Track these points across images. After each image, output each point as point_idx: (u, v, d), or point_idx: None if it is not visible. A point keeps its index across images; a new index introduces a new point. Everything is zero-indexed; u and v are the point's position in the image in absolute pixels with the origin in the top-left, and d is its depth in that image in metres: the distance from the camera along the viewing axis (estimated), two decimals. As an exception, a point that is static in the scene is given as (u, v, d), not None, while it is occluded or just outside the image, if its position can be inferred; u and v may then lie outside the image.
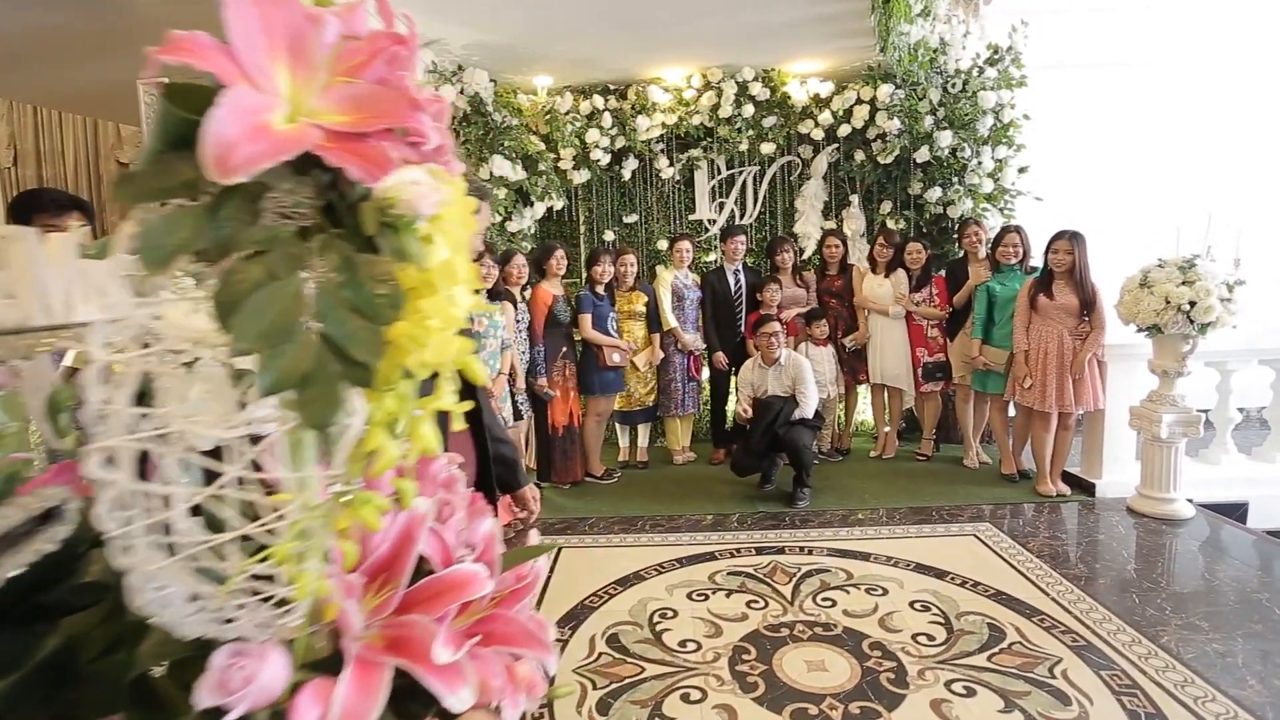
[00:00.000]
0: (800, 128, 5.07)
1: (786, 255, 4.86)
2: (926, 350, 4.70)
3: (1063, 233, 3.89)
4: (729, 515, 3.93)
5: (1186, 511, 3.63)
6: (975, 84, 4.72)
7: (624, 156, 5.22)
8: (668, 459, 5.04)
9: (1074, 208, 5.14)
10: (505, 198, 4.71)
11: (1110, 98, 5.67)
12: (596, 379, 4.53)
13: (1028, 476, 4.34)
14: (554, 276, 4.47)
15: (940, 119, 4.76)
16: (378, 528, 0.48)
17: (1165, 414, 3.57)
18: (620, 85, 5.02)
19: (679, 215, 5.48)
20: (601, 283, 4.55)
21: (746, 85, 4.84)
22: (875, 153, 5.04)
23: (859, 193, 5.31)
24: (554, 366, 4.44)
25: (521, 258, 4.30)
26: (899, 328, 4.74)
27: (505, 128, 4.55)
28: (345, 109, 0.43)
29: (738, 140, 5.08)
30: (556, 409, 4.48)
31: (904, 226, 5.13)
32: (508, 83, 4.79)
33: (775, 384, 4.19)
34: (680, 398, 4.91)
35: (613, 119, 4.92)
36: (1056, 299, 3.87)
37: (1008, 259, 4.20)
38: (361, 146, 0.43)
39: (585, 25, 3.95)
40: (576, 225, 5.54)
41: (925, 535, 3.57)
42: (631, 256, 4.71)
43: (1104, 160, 5.61)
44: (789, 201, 5.43)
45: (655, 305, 4.77)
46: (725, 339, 4.86)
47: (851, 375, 4.92)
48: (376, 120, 0.43)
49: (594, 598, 3.01)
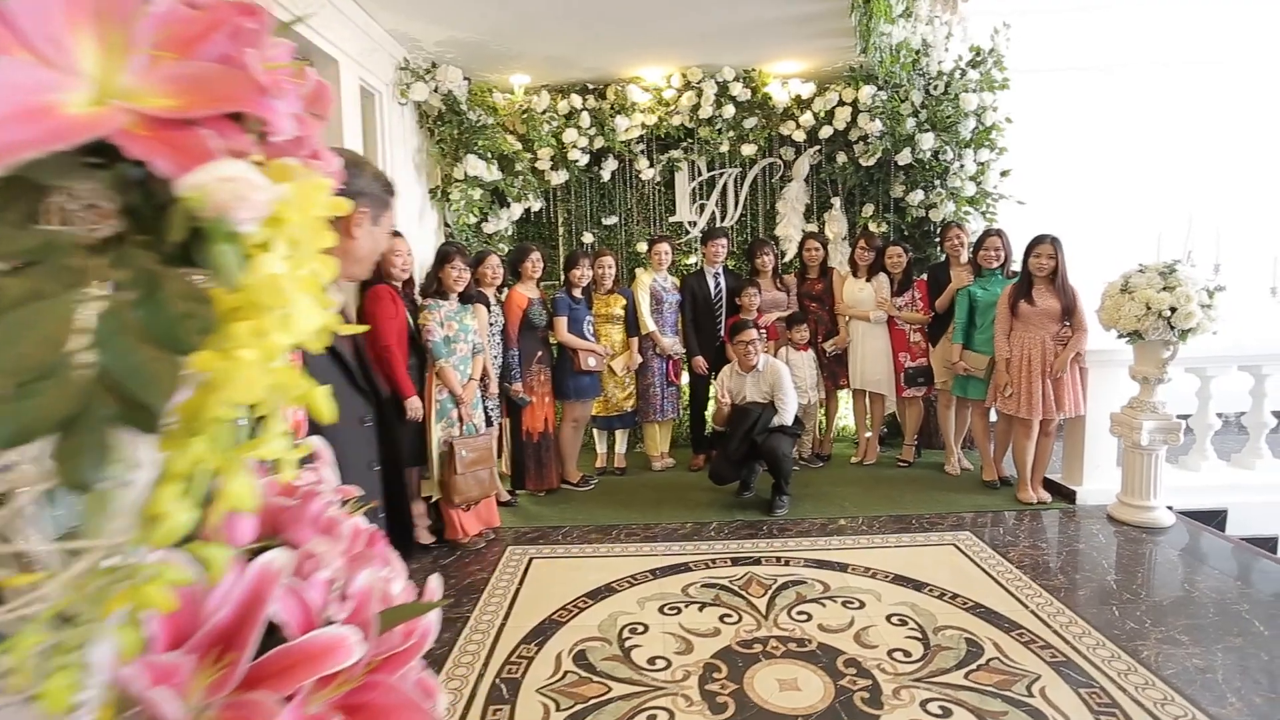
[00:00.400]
0: (782, 129, 5.01)
1: (766, 258, 4.80)
2: (908, 355, 4.64)
3: (1043, 237, 3.84)
4: (706, 524, 3.85)
5: (1166, 520, 3.59)
6: (957, 86, 4.68)
7: (603, 157, 5.14)
8: (646, 465, 4.96)
9: (1055, 211, 5.13)
10: (480, 198, 4.61)
11: (1091, 101, 5.66)
12: (571, 384, 4.44)
13: (1009, 483, 4.30)
14: (529, 279, 4.37)
15: (922, 121, 4.71)
16: (170, 608, 0.39)
17: (1145, 421, 3.53)
18: (599, 85, 4.93)
19: (659, 217, 5.40)
20: (579, 285, 4.46)
21: (727, 85, 4.77)
22: (857, 155, 4.99)
23: (841, 195, 5.26)
24: (529, 371, 4.34)
25: (496, 259, 4.20)
26: (880, 332, 4.69)
27: (480, 127, 4.44)
28: (171, 91, 0.35)
29: (718, 141, 5.01)
30: (531, 414, 4.38)
31: (886, 230, 5.08)
32: (484, 81, 4.69)
33: (753, 390, 4.11)
34: (659, 403, 4.82)
35: (591, 119, 4.83)
36: (1037, 304, 3.83)
37: (989, 263, 4.15)
38: (178, 136, 0.34)
39: (560, 22, 3.86)
40: (555, 227, 5.45)
41: (904, 545, 3.51)
42: (609, 259, 4.63)
43: (1085, 164, 5.60)
44: (770, 204, 5.37)
45: (634, 309, 4.69)
46: (705, 343, 4.78)
47: (832, 380, 4.86)
48: (210, 105, 0.34)
49: (563, 611, 2.92)
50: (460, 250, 3.62)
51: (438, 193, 4.60)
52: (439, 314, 3.53)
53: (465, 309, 3.68)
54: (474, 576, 3.33)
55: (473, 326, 3.69)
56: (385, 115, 3.96)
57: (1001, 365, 3.88)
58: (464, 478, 3.56)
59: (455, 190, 4.52)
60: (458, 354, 3.59)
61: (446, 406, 3.56)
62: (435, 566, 3.46)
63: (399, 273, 3.48)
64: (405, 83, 4.08)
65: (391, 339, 3.35)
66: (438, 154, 4.49)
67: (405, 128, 4.25)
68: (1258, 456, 4.11)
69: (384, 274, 3.44)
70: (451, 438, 3.55)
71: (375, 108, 3.91)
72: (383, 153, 3.93)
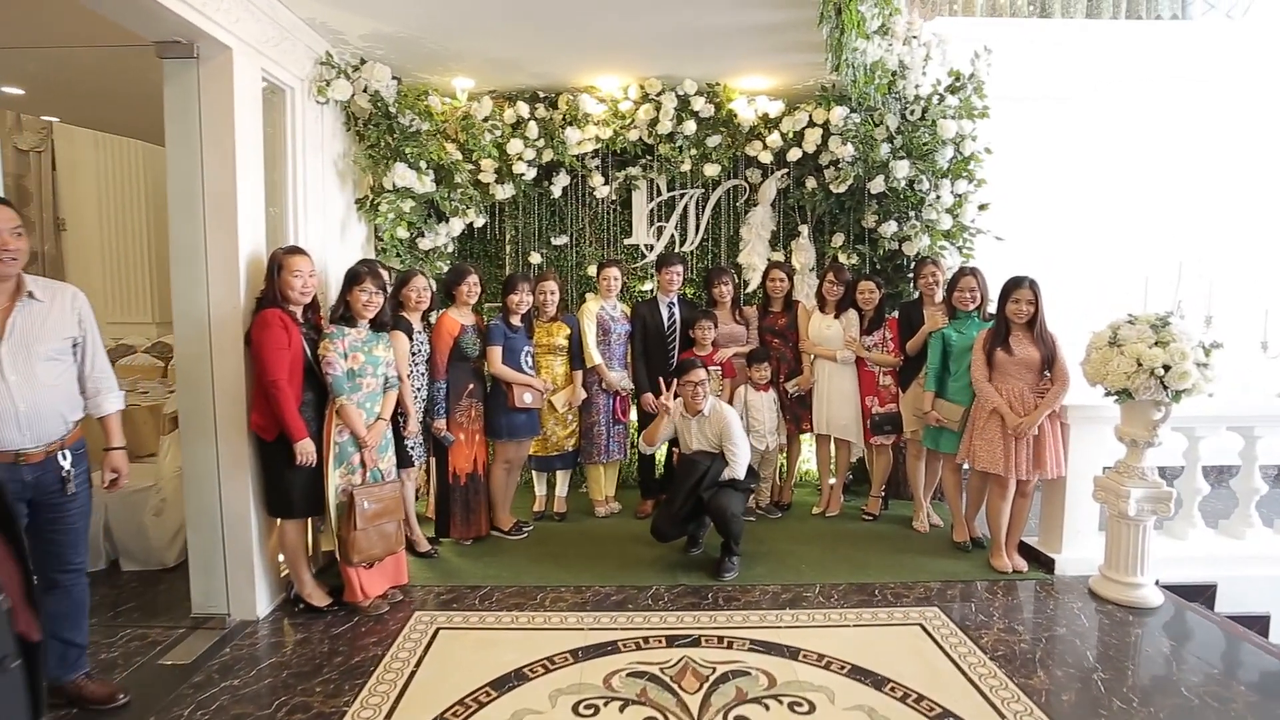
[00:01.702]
0: (748, 150, 4.64)
1: (725, 288, 4.40)
2: (877, 400, 4.27)
3: (1020, 280, 3.49)
4: (644, 589, 3.40)
5: (1154, 599, 3.23)
6: (935, 112, 4.35)
7: (554, 172, 4.72)
8: (589, 510, 4.51)
9: (1034, 249, 4.81)
10: (412, 211, 4.15)
11: (1072, 133, 5.37)
12: (504, 421, 3.99)
13: (981, 545, 3.93)
14: (464, 304, 3.92)
15: (897, 148, 4.37)
16: None
17: (1133, 489, 3.17)
18: (550, 93, 4.52)
19: (614, 239, 4.99)
20: (517, 312, 4.02)
21: (688, 99, 4.39)
22: (827, 180, 4.63)
23: (809, 223, 4.89)
24: (457, 406, 3.88)
25: (424, 280, 3.75)
26: (848, 374, 4.31)
27: (413, 133, 4.00)
28: None
29: (679, 160, 4.62)
30: (458, 454, 3.92)
31: (856, 262, 4.72)
32: (422, 83, 4.25)
33: (699, 438, 3.69)
34: (604, 443, 4.39)
35: (540, 129, 4.41)
36: (1015, 353, 3.47)
37: (964, 305, 3.80)
38: None
39: (501, 20, 3.45)
40: (502, 245, 5.01)
41: (865, 622, 3.09)
42: (552, 283, 4.20)
43: (1065, 199, 5.31)
44: (734, 229, 4.99)
45: (579, 339, 4.26)
46: (655, 378, 4.34)
47: (795, 424, 4.46)
48: None
49: (459, 707, 2.45)
50: (372, 271, 3.16)
51: (366, 203, 4.13)
52: (342, 343, 3.06)
53: (377, 337, 3.22)
54: (366, 652, 2.85)
55: (384, 358, 3.23)
56: (299, 115, 3.50)
57: (1005, 412, 3.47)
58: (365, 533, 3.08)
59: (384, 201, 4.05)
60: (364, 390, 3.12)
61: (346, 450, 3.08)
62: (325, 636, 2.97)
63: (298, 295, 3.01)
64: (325, 79, 3.63)
65: (280, 372, 2.88)
66: (367, 161, 4.03)
67: (326, 130, 3.79)
68: (1248, 525, 3.78)
69: (279, 296, 2.97)
70: (351, 486, 3.07)
71: (287, 106, 3.45)
72: (293, 156, 3.47)
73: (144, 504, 3.59)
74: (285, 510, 3.09)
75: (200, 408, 2.97)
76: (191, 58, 2.84)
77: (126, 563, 3.67)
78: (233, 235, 2.93)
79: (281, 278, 2.98)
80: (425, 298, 3.75)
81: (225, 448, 3.00)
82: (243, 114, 2.94)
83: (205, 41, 2.83)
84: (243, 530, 3.05)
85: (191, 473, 3.02)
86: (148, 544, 3.62)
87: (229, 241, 2.93)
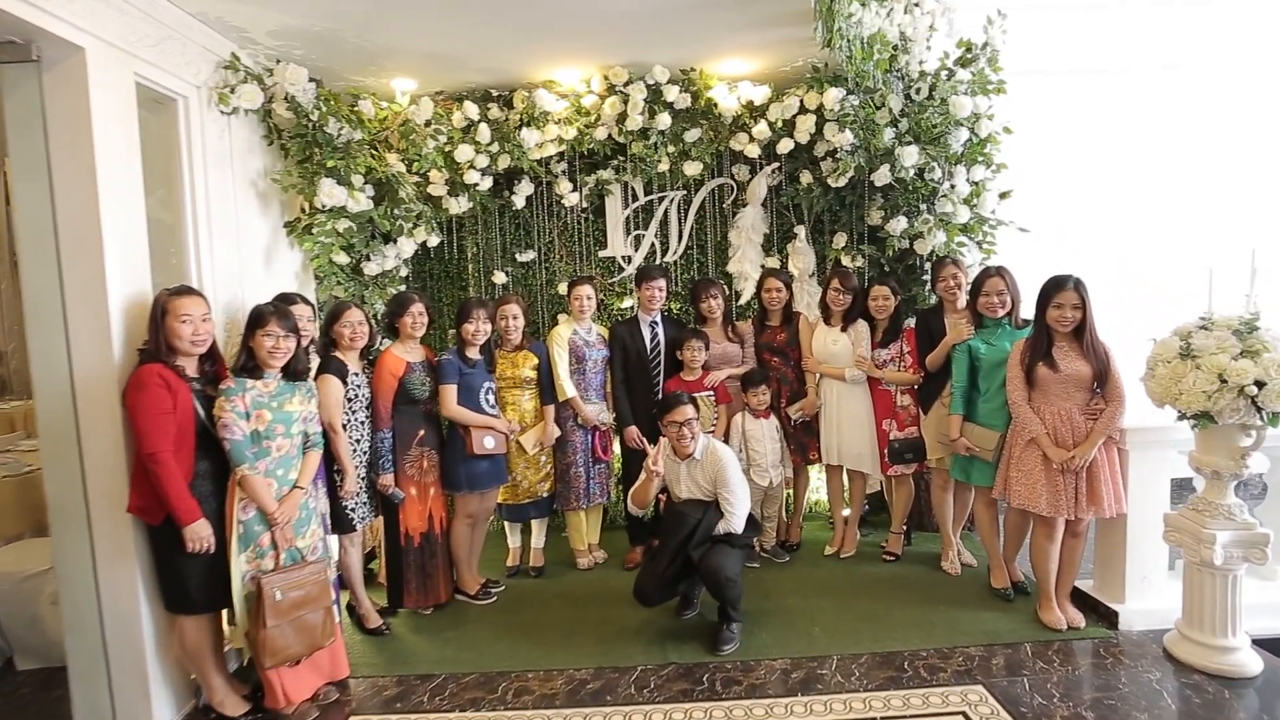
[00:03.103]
0: (732, 143, 4.08)
1: (714, 301, 3.85)
2: (895, 424, 3.69)
3: (1064, 280, 2.91)
4: (626, 672, 2.84)
5: (1252, 665, 2.63)
6: (945, 89, 3.78)
7: (515, 180, 4.18)
8: (571, 560, 3.96)
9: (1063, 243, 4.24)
10: (347, 232, 3.62)
11: (1104, 109, 4.77)
12: (463, 471, 3.44)
13: (1025, 591, 3.35)
14: (409, 338, 3.39)
15: (903, 133, 3.81)
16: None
17: (1219, 531, 2.58)
18: (503, 90, 3.98)
19: (588, 252, 4.45)
20: (475, 344, 3.48)
21: (660, 89, 3.83)
22: (825, 174, 4.07)
23: (806, 223, 4.33)
24: (405, 457, 3.34)
25: (358, 313, 3.22)
26: (859, 395, 3.74)
27: (341, 144, 3.47)
28: None
29: (655, 159, 4.06)
30: (410, 512, 3.38)
31: (862, 265, 4.16)
32: (355, 87, 3.73)
33: (689, 484, 3.13)
34: (583, 485, 3.83)
35: (492, 132, 3.87)
36: (1061, 369, 2.89)
37: (993, 311, 3.22)
38: None
39: (423, 7, 2.92)
40: (464, 265, 4.47)
41: (896, 712, 2.52)
42: (514, 307, 3.66)
43: (1100, 185, 4.71)
44: (721, 234, 4.43)
45: (549, 369, 3.72)
46: (639, 408, 3.82)
47: (800, 454, 3.89)
48: None
49: None
50: (280, 311, 2.62)
51: (297, 227, 3.60)
52: (243, 400, 2.52)
53: (292, 388, 2.67)
54: (279, 784, 2.30)
55: (302, 412, 2.68)
56: (196, 128, 2.97)
57: (1045, 445, 2.90)
58: (279, 629, 2.53)
59: (315, 224, 3.53)
60: (274, 454, 2.58)
61: (253, 530, 2.54)
62: (234, 760, 2.43)
63: (188, 345, 2.47)
64: (229, 85, 3.10)
65: (160, 441, 2.34)
66: (295, 178, 3.50)
67: (238, 145, 3.26)
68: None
69: (166, 347, 2.44)
70: (260, 572, 2.53)
71: (180, 117, 2.93)
72: (190, 176, 2.94)
73: (39, 591, 3.06)
74: (183, 605, 2.55)
75: (68, 488, 2.44)
76: (31, 60, 2.31)
77: (23, 660, 3.14)
78: (98, 275, 2.39)
79: (167, 325, 2.44)
80: (362, 333, 3.22)
81: (103, 533, 2.47)
82: (106, 127, 2.41)
83: (47, 41, 2.30)
84: (130, 630, 2.51)
85: (63, 566, 2.48)
86: (45, 637, 3.08)
87: (94, 283, 2.40)
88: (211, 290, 2.98)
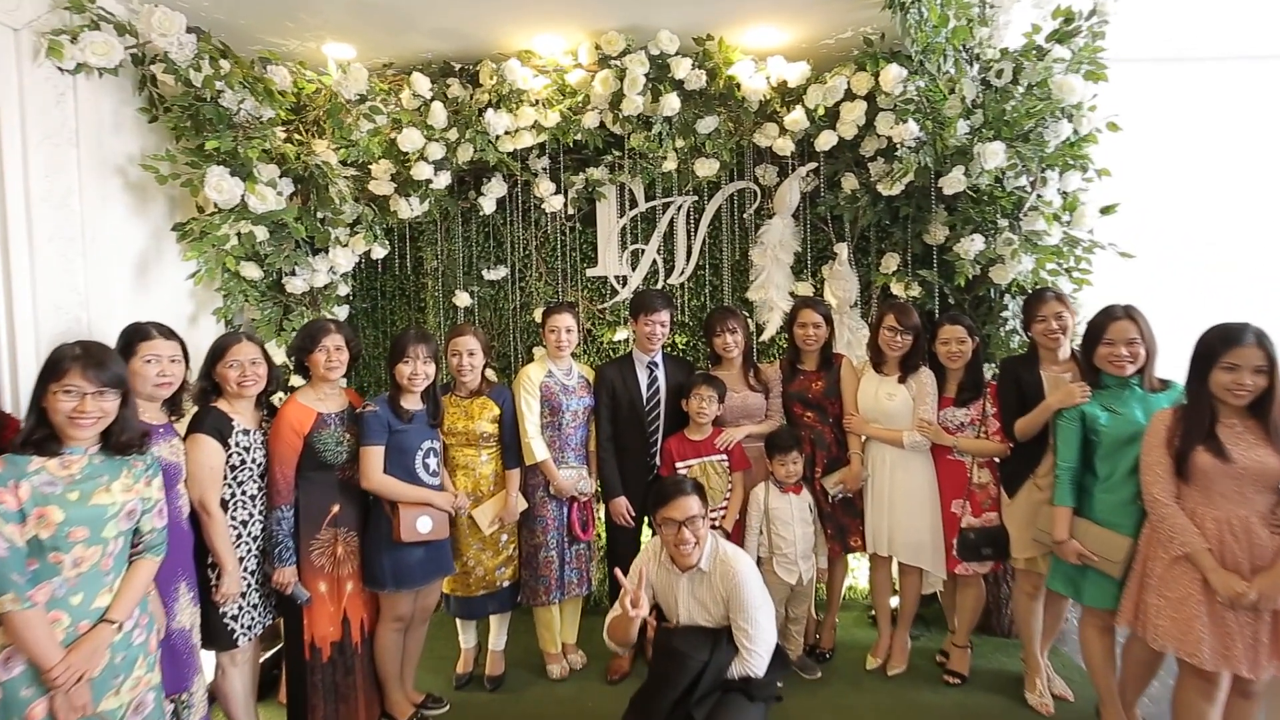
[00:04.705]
0: (757, 137, 3.21)
1: (733, 338, 2.97)
2: (969, 506, 2.79)
3: (1238, 330, 2.02)
4: None
5: None
6: (1038, 71, 2.91)
7: (485, 177, 3.34)
8: (540, 666, 3.06)
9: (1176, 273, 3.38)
10: (246, 238, 2.76)
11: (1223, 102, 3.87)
12: (388, 563, 2.55)
13: (1152, 750, 2.44)
14: (323, 380, 2.53)
15: (977, 126, 2.94)
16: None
17: None
18: (467, 63, 3.14)
19: (573, 269, 3.58)
20: (413, 390, 2.61)
21: (666, 62, 2.97)
22: (873, 178, 3.20)
23: (849, 240, 3.45)
24: (313, 542, 2.47)
25: (252, 348, 2.37)
26: (921, 467, 2.85)
27: (243, 120, 2.62)
28: None
29: (659, 155, 3.21)
30: (318, 616, 2.50)
31: (920, 295, 3.28)
32: (273, 51, 2.89)
33: (691, 605, 2.24)
34: (556, 574, 2.95)
35: (450, 115, 3.02)
36: (1235, 458, 2.00)
37: (1119, 367, 2.33)
38: None
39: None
40: (422, 282, 3.62)
41: None
42: (471, 340, 2.80)
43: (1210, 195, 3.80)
44: (741, 252, 3.55)
45: (513, 422, 2.85)
46: (631, 474, 2.96)
47: (839, 539, 2.99)
48: None
49: None
50: (90, 355, 1.75)
51: (192, 231, 2.75)
52: (13, 493, 1.64)
53: (114, 467, 1.79)
54: None
55: (124, 505, 1.79)
56: (10, 85, 2.13)
57: (1208, 567, 2.01)
58: None
59: (206, 226, 2.68)
60: (68, 571, 1.70)
61: (17, 696, 1.65)
62: None
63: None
64: (61, 30, 2.25)
65: None
66: (181, 165, 2.65)
67: (94, 116, 2.40)
68: None
69: None
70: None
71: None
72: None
73: None
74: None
75: None
76: None
77: None
78: None
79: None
80: (256, 375, 2.36)
81: None
82: None
83: None
84: None
85: None
86: None
87: None
88: (28, 315, 2.12)
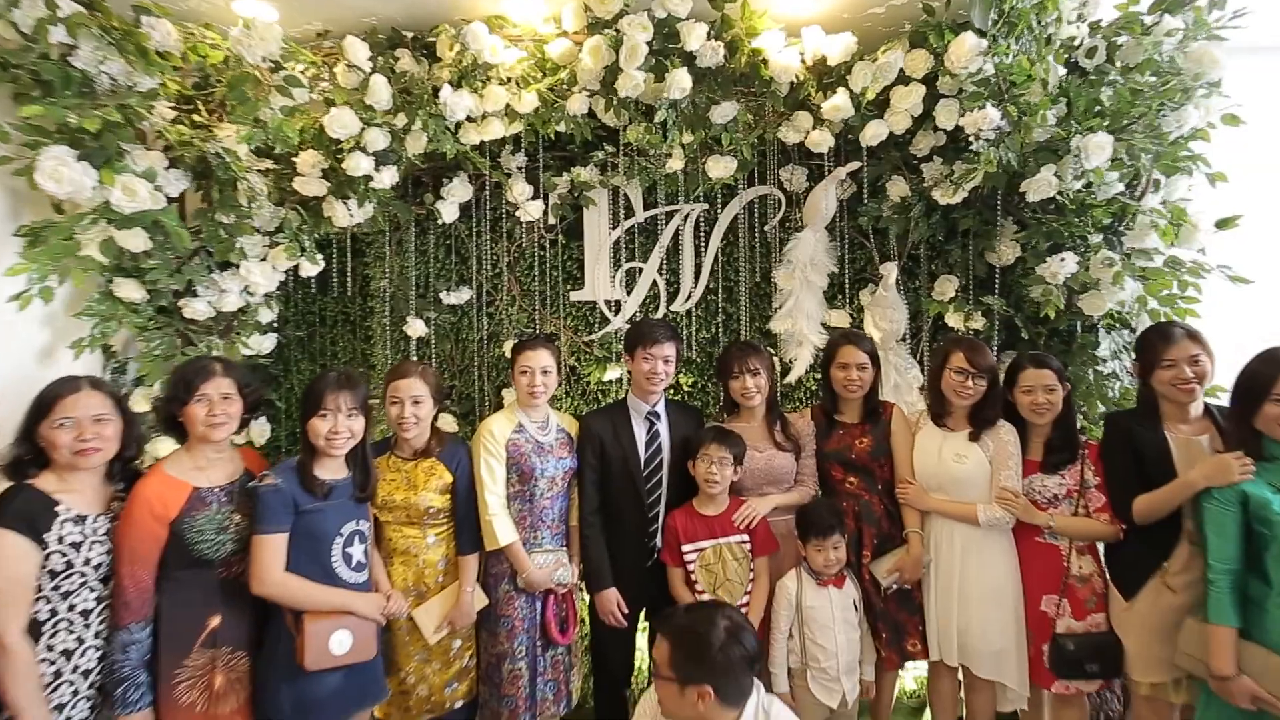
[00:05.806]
0: (783, 131, 2.57)
1: (754, 380, 2.31)
2: (1067, 606, 2.12)
3: None
4: None
5: None
6: (1131, 52, 2.31)
7: (445, 177, 2.69)
8: (505, 806, 2.34)
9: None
10: (104, 246, 2.08)
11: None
12: (288, 694, 1.85)
13: None
14: (203, 443, 1.84)
15: (1065, 117, 2.32)
16: None
17: None
18: (420, 30, 2.49)
19: (554, 291, 2.91)
20: (330, 453, 1.92)
21: (674, 29, 2.33)
22: (929, 182, 2.57)
23: (898, 259, 2.80)
24: (180, 671, 1.78)
25: (96, 398, 1.70)
26: (1001, 551, 2.19)
27: (106, 89, 1.96)
28: None
29: (662, 151, 2.56)
30: (186, 770, 1.78)
31: (984, 328, 2.63)
32: (168, 9, 2.23)
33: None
34: (526, 689, 2.25)
35: (396, 95, 2.36)
36: None
37: (1297, 433, 1.69)
38: None
39: None
40: (368, 305, 2.94)
41: None
42: (417, 383, 2.13)
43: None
44: (763, 273, 2.90)
45: (469, 493, 2.17)
46: (625, 558, 2.28)
47: (895, 645, 2.30)
48: None
49: None
50: None
51: (42, 235, 2.06)
52: None
53: None
54: None
55: None
56: None
57: None
58: None
59: (54, 232, 2.00)
60: None
61: None
62: None
63: None
64: None
65: None
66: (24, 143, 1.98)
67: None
68: None
69: None
70: None
71: None
72: None
73: None
74: None
75: None
76: None
77: None
78: None
79: None
80: (103, 437, 1.68)
81: None
82: None
83: None
84: None
85: None
86: None
87: None
88: None
